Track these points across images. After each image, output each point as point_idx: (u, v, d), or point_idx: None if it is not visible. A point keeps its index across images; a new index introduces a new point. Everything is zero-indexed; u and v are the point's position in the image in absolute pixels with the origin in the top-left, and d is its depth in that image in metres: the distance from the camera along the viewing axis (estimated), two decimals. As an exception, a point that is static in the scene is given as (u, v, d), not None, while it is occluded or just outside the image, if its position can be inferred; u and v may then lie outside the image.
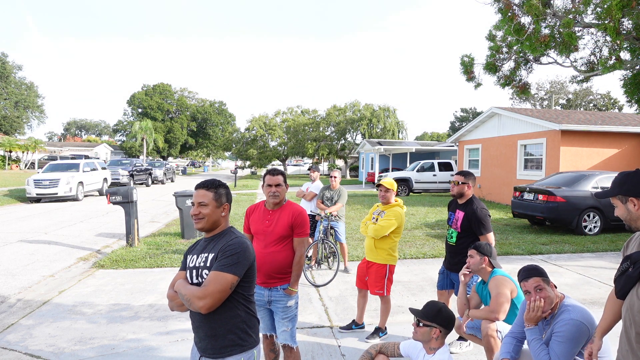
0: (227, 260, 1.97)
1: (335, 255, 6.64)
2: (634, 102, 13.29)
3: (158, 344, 4.12)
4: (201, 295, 1.91)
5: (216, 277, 1.94)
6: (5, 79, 50.34)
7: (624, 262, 2.00)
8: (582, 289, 5.88)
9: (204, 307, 1.91)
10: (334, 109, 41.79)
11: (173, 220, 12.22)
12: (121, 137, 59.79)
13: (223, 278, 1.94)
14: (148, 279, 6.32)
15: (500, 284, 3.31)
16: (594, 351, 2.23)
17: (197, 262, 2.09)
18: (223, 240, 2.08)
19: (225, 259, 1.98)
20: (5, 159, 37.31)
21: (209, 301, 1.91)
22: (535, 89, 47.74)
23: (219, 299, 1.93)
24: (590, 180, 10.19)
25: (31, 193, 16.01)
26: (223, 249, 2.02)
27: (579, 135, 14.05)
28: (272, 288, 3.07)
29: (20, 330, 4.47)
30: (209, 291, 1.91)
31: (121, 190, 8.21)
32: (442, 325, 2.66)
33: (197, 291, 1.94)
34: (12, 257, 7.53)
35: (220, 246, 2.04)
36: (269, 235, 3.07)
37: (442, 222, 11.41)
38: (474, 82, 12.23)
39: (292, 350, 3.11)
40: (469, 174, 4.03)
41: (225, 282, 1.94)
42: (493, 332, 3.18)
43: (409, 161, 26.63)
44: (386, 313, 4.25)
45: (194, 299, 1.92)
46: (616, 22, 8.59)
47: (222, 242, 2.06)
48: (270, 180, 3.09)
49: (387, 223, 4.05)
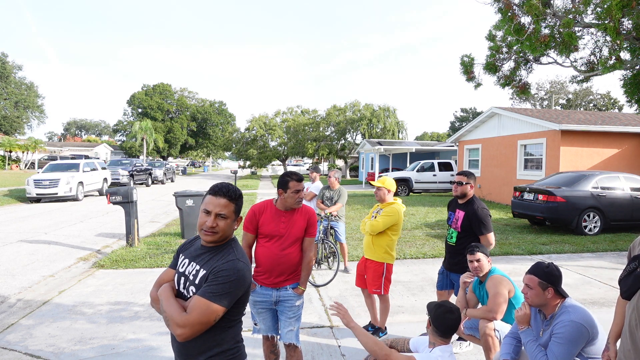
0: (217, 287, 1.74)
1: (335, 255, 6.64)
2: (634, 102, 13.27)
3: (158, 344, 4.12)
4: (181, 324, 1.71)
5: (200, 306, 1.72)
6: (5, 79, 50.36)
7: (631, 262, 1.99)
8: (582, 289, 5.88)
9: (181, 336, 1.71)
10: (334, 109, 41.78)
11: (173, 220, 12.22)
12: (121, 137, 59.82)
13: (208, 308, 1.71)
14: (148, 279, 6.32)
15: (498, 283, 3.31)
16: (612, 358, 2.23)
17: (187, 270, 1.90)
18: (219, 257, 1.84)
19: (215, 285, 1.74)
20: (5, 159, 37.32)
21: (187, 331, 1.70)
22: (535, 89, 47.77)
23: (199, 330, 1.72)
24: (590, 180, 10.19)
25: (31, 193, 16.01)
26: (215, 272, 1.78)
27: (579, 135, 14.06)
28: (280, 288, 3.06)
29: (20, 330, 4.47)
30: (189, 321, 1.70)
31: (121, 190, 8.21)
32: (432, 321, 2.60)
33: (177, 316, 1.73)
34: (12, 257, 7.53)
35: (214, 266, 1.80)
36: (286, 237, 3.03)
37: (442, 222, 11.41)
38: (474, 82, 12.23)
39: (296, 349, 3.11)
40: (471, 174, 4.04)
41: (209, 313, 1.72)
42: (491, 332, 3.18)
43: (409, 161, 26.63)
44: (385, 312, 4.25)
45: (173, 324, 1.73)
46: (616, 22, 8.59)
47: (217, 260, 1.83)
48: (299, 186, 3.02)
49: (383, 219, 4.05)
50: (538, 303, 2.67)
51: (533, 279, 2.64)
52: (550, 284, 2.61)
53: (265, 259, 3.04)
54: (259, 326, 3.16)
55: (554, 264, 2.73)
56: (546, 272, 2.63)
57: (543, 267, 2.67)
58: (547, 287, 2.61)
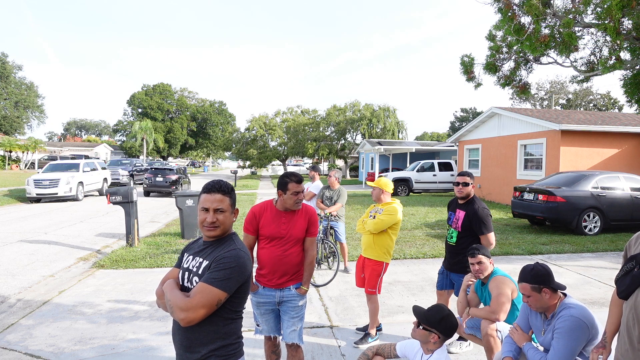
0: (219, 273, 1.82)
1: (335, 255, 6.63)
2: (634, 102, 13.29)
3: (158, 344, 4.12)
4: (184, 307, 1.77)
5: (203, 290, 1.79)
6: (5, 79, 50.35)
7: (628, 262, 1.98)
8: (582, 289, 5.88)
9: (184, 320, 1.77)
10: (334, 109, 41.78)
11: (173, 220, 12.22)
12: (121, 137, 59.86)
13: (210, 292, 1.78)
14: (148, 279, 6.32)
15: (501, 283, 3.30)
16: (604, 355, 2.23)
17: (191, 265, 1.97)
18: (221, 249, 1.92)
19: (217, 271, 1.82)
20: (5, 159, 37.30)
21: (190, 315, 1.76)
22: (535, 89, 47.75)
23: (202, 314, 1.78)
24: (590, 180, 10.19)
25: (31, 193, 16.01)
26: (217, 260, 1.86)
27: (579, 135, 14.05)
28: (283, 289, 3.06)
29: (20, 330, 4.47)
30: (192, 304, 1.77)
31: (121, 190, 8.21)
32: (442, 332, 2.62)
33: (180, 301, 1.80)
34: (12, 257, 7.53)
35: (216, 255, 1.89)
36: (287, 239, 3.03)
37: (442, 222, 11.41)
38: (474, 82, 12.24)
39: (298, 349, 3.11)
40: (471, 174, 4.05)
41: (211, 296, 1.78)
42: (493, 332, 3.17)
43: (409, 161, 26.62)
44: (375, 314, 4.19)
45: (176, 309, 1.79)
46: (616, 22, 8.59)
47: (219, 250, 1.91)
48: (298, 187, 3.00)
49: (386, 217, 4.04)
50: (541, 306, 2.65)
51: (525, 287, 2.64)
52: (542, 284, 2.59)
53: (268, 260, 3.04)
54: (261, 327, 3.16)
55: (539, 263, 2.71)
56: (533, 275, 2.61)
57: (528, 271, 2.66)
58: (541, 289, 2.61)
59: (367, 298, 4.22)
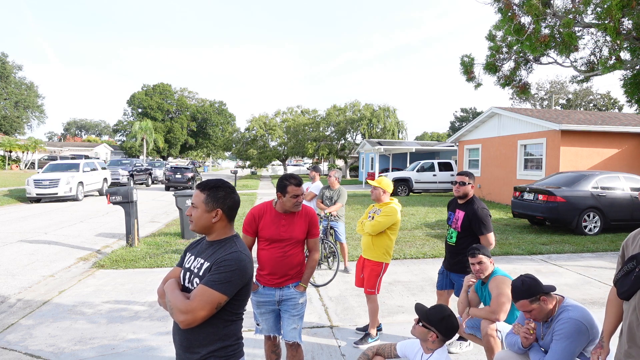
0: (219, 276, 1.81)
1: (335, 255, 6.64)
2: (634, 102, 13.29)
3: (158, 344, 4.12)
4: (183, 310, 1.78)
5: (203, 293, 1.79)
6: (5, 79, 50.36)
7: (628, 262, 1.96)
8: (582, 289, 5.88)
9: (183, 322, 1.77)
10: (334, 109, 41.80)
11: (173, 220, 12.22)
12: (121, 137, 59.85)
13: (210, 295, 1.78)
14: (148, 279, 6.32)
15: (501, 283, 3.30)
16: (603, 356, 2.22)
17: (192, 265, 1.97)
18: (222, 250, 1.91)
19: (217, 274, 1.81)
20: (5, 159, 37.31)
21: (189, 317, 1.77)
22: (535, 89, 47.75)
23: (201, 317, 1.78)
24: (590, 180, 10.19)
25: (31, 193, 16.01)
26: (218, 262, 1.85)
27: (579, 135, 14.05)
28: (283, 287, 3.06)
29: (20, 330, 4.47)
30: (191, 307, 1.77)
31: (121, 190, 8.21)
32: (441, 332, 2.62)
33: (180, 303, 1.80)
34: (12, 257, 7.53)
35: (217, 257, 1.88)
36: (287, 240, 3.03)
37: (442, 222, 11.41)
38: (474, 82, 12.24)
39: (298, 348, 3.11)
40: (471, 174, 4.04)
41: (211, 299, 1.78)
42: (493, 332, 3.17)
43: (409, 161, 26.62)
44: (374, 314, 4.19)
45: (176, 311, 1.80)
46: (616, 22, 8.60)
47: (220, 252, 1.90)
48: (297, 191, 2.99)
49: (384, 219, 4.03)
50: (544, 315, 2.68)
51: (524, 304, 2.66)
52: (538, 294, 2.64)
53: (268, 261, 3.04)
54: (261, 326, 3.17)
55: (524, 276, 2.76)
56: (527, 289, 2.65)
57: (520, 287, 2.69)
58: (537, 299, 2.64)
59: (366, 298, 4.22)
